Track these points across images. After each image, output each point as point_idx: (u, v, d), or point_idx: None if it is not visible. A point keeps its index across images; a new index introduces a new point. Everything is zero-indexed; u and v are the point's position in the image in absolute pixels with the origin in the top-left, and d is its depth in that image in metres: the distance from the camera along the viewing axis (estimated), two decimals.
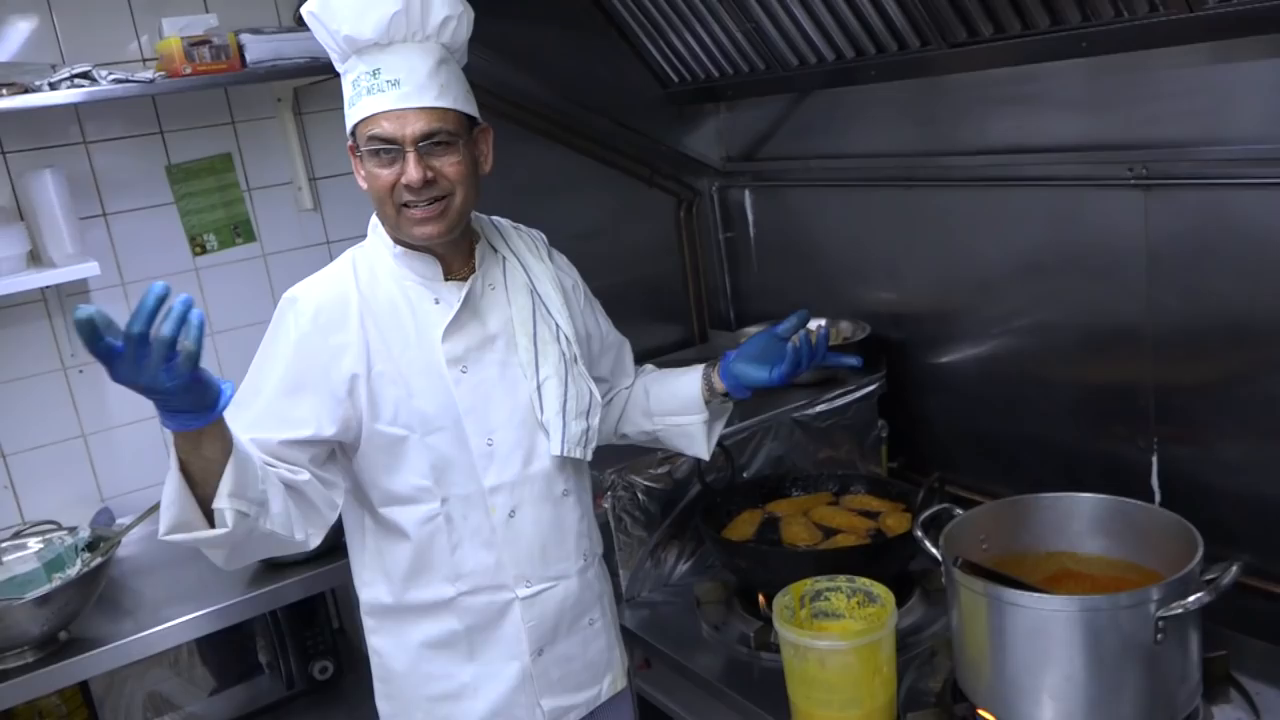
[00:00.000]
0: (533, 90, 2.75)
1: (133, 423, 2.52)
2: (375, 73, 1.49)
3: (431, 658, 1.68)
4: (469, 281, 1.64)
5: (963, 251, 2.41)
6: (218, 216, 2.56)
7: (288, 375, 1.54)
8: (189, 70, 2.19)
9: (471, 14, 1.59)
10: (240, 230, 2.60)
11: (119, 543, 2.11)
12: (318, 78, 2.44)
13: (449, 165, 1.52)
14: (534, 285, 1.70)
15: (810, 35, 2.36)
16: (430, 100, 1.50)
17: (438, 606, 1.65)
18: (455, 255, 1.65)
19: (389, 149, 1.50)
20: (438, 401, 1.60)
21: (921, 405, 2.62)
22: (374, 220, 1.65)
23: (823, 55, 2.40)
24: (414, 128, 1.49)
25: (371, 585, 1.71)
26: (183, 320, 1.13)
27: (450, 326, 1.60)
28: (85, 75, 2.11)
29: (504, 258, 1.71)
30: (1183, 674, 1.54)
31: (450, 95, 1.53)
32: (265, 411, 1.53)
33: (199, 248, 2.56)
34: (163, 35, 2.27)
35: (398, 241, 1.61)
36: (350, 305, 1.57)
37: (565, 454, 1.67)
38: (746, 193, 3.08)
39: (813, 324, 2.03)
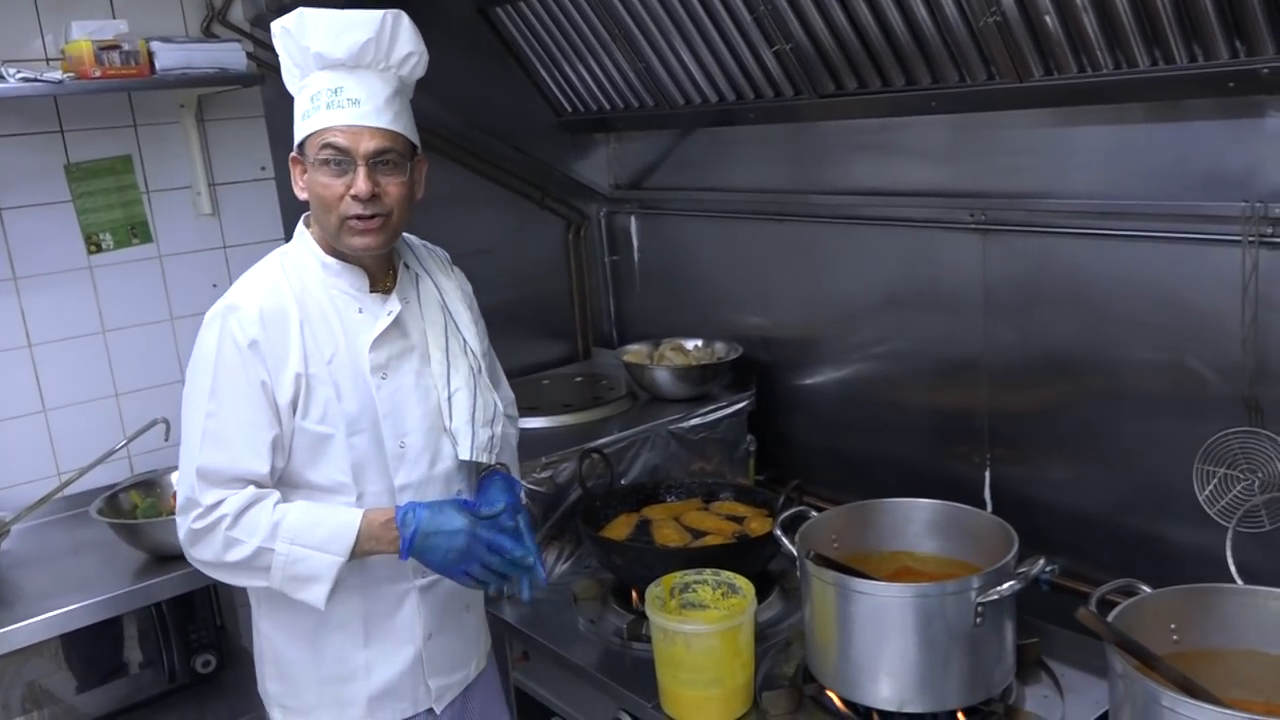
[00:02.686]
0: (433, 111, 2.85)
1: (16, 417, 2.52)
2: (337, 91, 1.62)
3: (327, 640, 1.77)
4: (392, 295, 1.76)
5: (827, 282, 2.64)
6: (115, 216, 2.60)
7: (251, 394, 1.63)
8: (98, 74, 2.24)
9: (428, 56, 1.74)
10: (137, 231, 2.64)
11: (7, 533, 2.13)
12: (224, 88, 2.52)
13: (393, 185, 1.65)
14: (444, 301, 1.84)
15: (696, 78, 2.57)
16: (385, 123, 1.63)
17: (341, 588, 1.71)
18: (380, 269, 1.77)
19: (341, 161, 1.62)
20: (361, 404, 1.71)
21: (787, 422, 2.84)
22: (300, 229, 1.77)
23: (706, 96, 2.61)
24: (367, 145, 1.62)
25: None
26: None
27: (379, 337, 1.72)
28: None
29: (417, 274, 1.84)
30: (999, 655, 1.77)
31: (401, 123, 1.67)
32: (252, 442, 1.63)
33: (94, 246, 2.58)
34: (70, 37, 2.31)
35: (329, 252, 1.73)
36: (290, 309, 1.67)
37: (474, 458, 1.80)
38: (632, 219, 3.26)
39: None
